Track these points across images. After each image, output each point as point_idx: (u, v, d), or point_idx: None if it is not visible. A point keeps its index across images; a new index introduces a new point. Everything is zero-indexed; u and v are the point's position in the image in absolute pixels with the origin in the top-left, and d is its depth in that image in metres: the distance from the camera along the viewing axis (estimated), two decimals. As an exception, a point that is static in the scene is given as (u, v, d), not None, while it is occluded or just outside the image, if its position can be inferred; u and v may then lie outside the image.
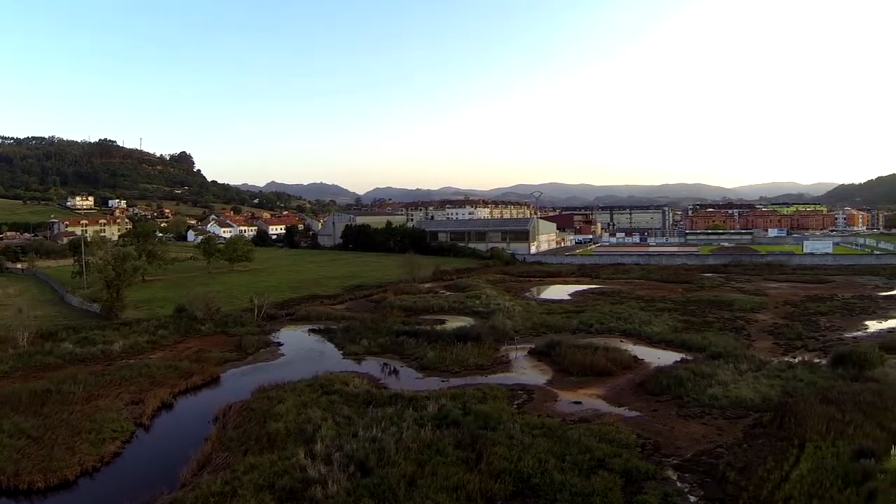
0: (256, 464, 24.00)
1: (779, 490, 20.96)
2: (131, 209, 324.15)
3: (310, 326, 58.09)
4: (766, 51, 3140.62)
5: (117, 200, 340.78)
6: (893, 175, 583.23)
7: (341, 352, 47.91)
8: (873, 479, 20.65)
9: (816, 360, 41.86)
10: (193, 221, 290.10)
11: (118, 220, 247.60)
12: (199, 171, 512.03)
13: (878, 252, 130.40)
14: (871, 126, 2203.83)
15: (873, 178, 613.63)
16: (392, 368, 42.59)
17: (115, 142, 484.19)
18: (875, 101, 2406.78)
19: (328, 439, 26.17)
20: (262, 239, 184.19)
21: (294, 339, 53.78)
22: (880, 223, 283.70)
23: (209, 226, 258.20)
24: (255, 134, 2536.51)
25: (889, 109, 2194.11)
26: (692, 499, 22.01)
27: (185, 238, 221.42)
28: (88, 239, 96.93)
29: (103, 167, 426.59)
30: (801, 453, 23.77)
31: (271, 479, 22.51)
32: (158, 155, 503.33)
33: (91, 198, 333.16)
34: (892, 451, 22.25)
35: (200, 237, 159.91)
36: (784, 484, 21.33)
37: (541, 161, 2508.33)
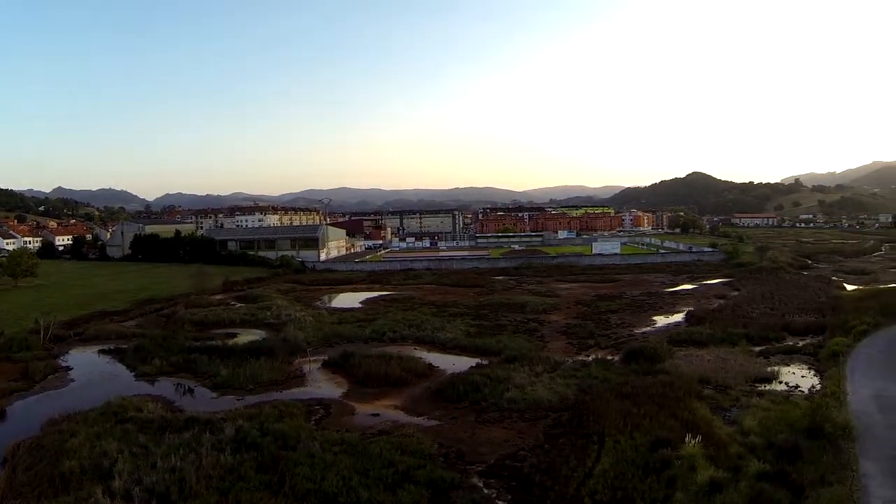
0: (52, 509, 22.65)
1: (584, 486, 22.55)
2: None
3: (100, 347, 56.63)
4: (547, 60, 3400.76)
5: None
6: (675, 179, 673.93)
7: (133, 373, 47.27)
8: (672, 467, 22.96)
9: (609, 358, 46.10)
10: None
11: None
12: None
13: (663, 251, 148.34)
14: (654, 133, 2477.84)
15: (657, 181, 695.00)
16: (186, 388, 42.48)
17: None
18: (655, 110, 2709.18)
19: (126, 473, 25.56)
20: (48, 251, 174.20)
21: (84, 361, 52.53)
22: (664, 223, 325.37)
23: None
24: (38, 134, 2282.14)
25: (669, 117, 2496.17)
26: (500, 504, 22.95)
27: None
28: None
29: None
30: (601, 448, 25.78)
31: (69, 525, 21.22)
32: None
33: None
34: (687, 439, 24.88)
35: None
36: (588, 480, 23.00)
37: (330, 165, 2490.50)
